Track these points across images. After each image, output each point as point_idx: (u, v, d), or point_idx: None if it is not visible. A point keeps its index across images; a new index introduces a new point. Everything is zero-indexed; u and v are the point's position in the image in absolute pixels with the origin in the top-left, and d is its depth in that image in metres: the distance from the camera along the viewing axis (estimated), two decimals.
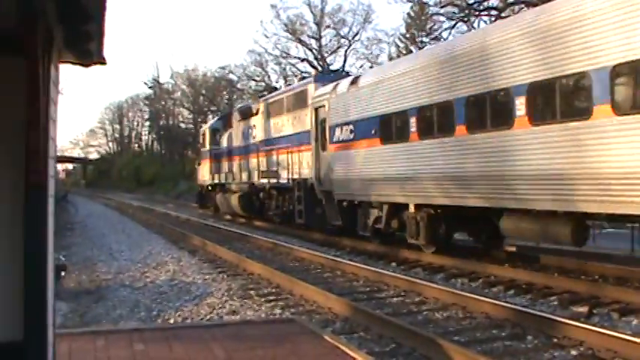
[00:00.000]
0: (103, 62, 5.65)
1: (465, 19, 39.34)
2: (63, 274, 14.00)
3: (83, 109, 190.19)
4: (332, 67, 62.04)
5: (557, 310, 11.25)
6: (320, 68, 61.01)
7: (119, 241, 24.89)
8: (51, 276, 5.10)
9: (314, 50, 62.67)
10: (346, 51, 61.94)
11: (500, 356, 8.51)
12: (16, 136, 4.74)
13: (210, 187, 40.51)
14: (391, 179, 17.98)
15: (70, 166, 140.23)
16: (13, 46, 4.58)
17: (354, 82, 20.34)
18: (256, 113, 31.45)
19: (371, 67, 50.50)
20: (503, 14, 35.92)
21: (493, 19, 36.53)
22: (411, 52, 42.86)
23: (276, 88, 64.65)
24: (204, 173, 41.20)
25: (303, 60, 63.36)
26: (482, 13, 38.94)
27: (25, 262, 4.71)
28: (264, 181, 29.33)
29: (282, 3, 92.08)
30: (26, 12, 4.16)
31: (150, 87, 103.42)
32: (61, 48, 5.29)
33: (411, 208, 17.41)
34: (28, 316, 4.69)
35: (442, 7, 40.08)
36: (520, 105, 12.98)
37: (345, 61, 61.88)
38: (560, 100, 12.17)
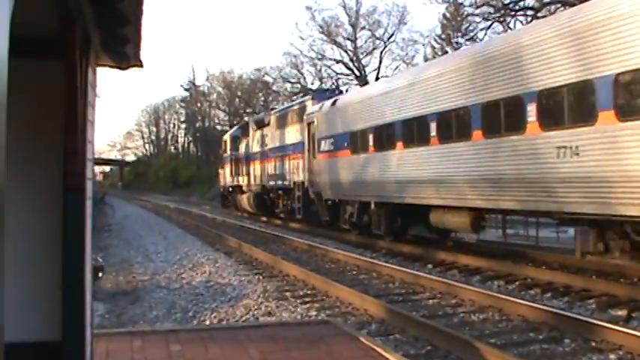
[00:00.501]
0: (139, 65, 5.70)
1: (501, 19, 39.05)
2: (100, 275, 14.14)
3: (120, 111, 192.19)
4: (367, 69, 62.16)
5: (595, 313, 11.11)
6: (355, 70, 61.12)
7: (155, 242, 25.09)
8: (89, 277, 5.16)
9: (349, 52, 62.65)
10: (381, 52, 61.87)
11: (537, 359, 8.43)
12: (55, 139, 4.80)
13: (230, 189, 45.50)
14: (358, 182, 22.37)
15: (107, 168, 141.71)
16: (52, 49, 4.64)
17: (334, 103, 24.79)
18: (268, 124, 35.67)
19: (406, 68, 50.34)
20: (539, 14, 35.59)
21: (529, 19, 36.20)
22: (446, 52, 42.63)
23: (311, 90, 64.83)
24: (226, 176, 46.21)
25: (338, 62, 63.36)
26: (518, 14, 38.62)
27: (64, 263, 4.76)
28: (273, 183, 34.24)
29: (317, 5, 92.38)
30: (64, 16, 4.21)
31: (186, 89, 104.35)
32: (98, 51, 5.35)
33: (372, 206, 21.75)
34: (67, 317, 4.75)
35: (478, 7, 39.83)
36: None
37: (380, 62, 61.87)
38: None
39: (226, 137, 47.20)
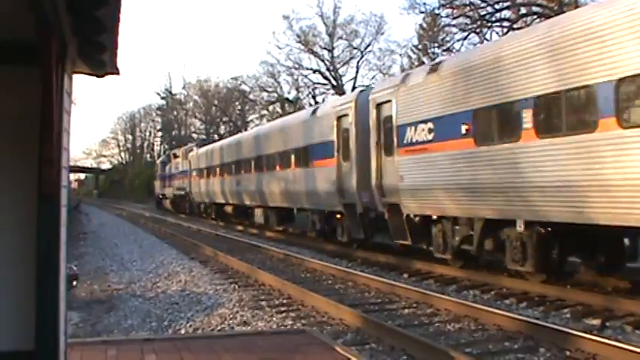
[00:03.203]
0: (116, 72, 5.67)
1: (477, 30, 39.32)
2: (75, 283, 14.03)
3: (96, 119, 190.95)
4: (344, 78, 62.41)
5: (570, 322, 11.19)
6: (332, 79, 61.31)
7: (131, 251, 24.95)
8: (63, 285, 5.11)
9: (326, 61, 62.82)
10: (358, 62, 62.24)
11: None
12: (30, 146, 4.76)
13: (161, 196, 66.56)
14: (205, 192, 45.04)
15: (82, 175, 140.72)
16: (28, 57, 4.60)
17: (199, 149, 47.88)
18: (179, 156, 56.98)
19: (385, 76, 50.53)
20: (515, 25, 35.87)
21: (505, 30, 36.49)
22: (423, 63, 42.77)
23: (288, 99, 65.20)
24: (158, 188, 68.14)
25: (315, 71, 63.52)
26: (494, 25, 38.91)
27: (38, 272, 4.72)
28: (178, 192, 55.30)
29: (294, 14, 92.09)
30: (41, 24, 4.18)
31: (162, 97, 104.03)
32: (74, 58, 5.31)
33: (212, 204, 44.78)
34: (40, 326, 4.70)
35: (454, 18, 40.05)
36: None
37: (357, 72, 62.17)
38: None
39: (158, 162, 73.15)
